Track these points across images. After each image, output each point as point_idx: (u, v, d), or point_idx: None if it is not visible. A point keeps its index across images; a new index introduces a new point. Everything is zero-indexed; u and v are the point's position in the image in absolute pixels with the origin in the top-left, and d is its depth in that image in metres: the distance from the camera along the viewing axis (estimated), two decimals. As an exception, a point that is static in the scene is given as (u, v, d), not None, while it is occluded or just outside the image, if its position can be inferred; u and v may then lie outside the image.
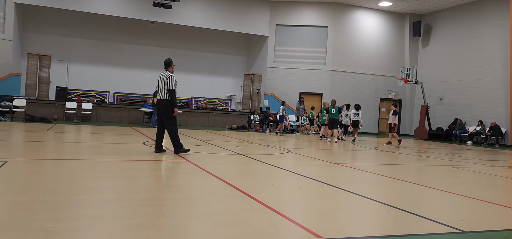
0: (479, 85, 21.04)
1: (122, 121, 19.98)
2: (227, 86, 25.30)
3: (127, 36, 23.10)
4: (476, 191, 6.04)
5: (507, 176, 8.49)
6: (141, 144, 10.04)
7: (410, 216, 4.17)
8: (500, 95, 19.98)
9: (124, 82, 22.79)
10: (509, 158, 13.28)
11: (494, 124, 19.52)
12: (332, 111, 15.28)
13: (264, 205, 4.20)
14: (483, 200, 5.26)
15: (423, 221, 4.01)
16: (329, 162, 8.83)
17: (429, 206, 4.85)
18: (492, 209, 4.80)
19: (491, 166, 10.17)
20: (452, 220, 4.07)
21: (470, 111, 21.41)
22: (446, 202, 5.10)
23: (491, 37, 20.52)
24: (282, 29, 23.74)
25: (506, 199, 5.89)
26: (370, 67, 24.16)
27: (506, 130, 19.55)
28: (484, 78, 20.75)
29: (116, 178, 5.43)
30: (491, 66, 20.43)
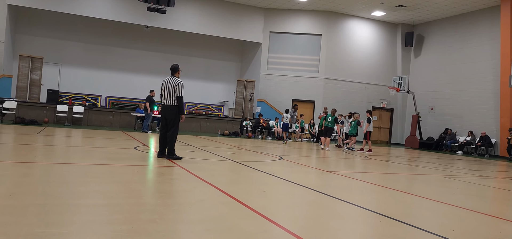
0: (469, 96, 21.26)
1: (114, 125, 19.85)
2: (220, 92, 25.29)
3: (120, 40, 23.02)
4: (467, 201, 6.08)
5: (497, 186, 8.57)
6: (132, 149, 9.98)
7: (401, 225, 4.18)
8: (490, 106, 20.19)
9: (117, 86, 22.68)
10: (498, 168, 13.41)
11: (484, 134, 19.71)
12: (328, 119, 15.34)
13: (256, 212, 4.19)
14: (473, 210, 5.30)
15: (414, 230, 4.02)
16: (321, 169, 8.84)
17: (420, 215, 4.88)
18: (482, 219, 4.84)
19: (481, 176, 10.26)
20: (443, 229, 4.09)
21: (461, 121, 21.61)
22: (437, 212, 5.13)
23: (482, 49, 20.77)
24: (275, 36, 23.82)
25: (496, 209, 5.94)
26: (363, 76, 24.31)
27: (495, 140, 19.75)
28: (475, 89, 20.97)
29: (107, 182, 5.39)
30: (482, 78, 20.66)
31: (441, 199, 5.97)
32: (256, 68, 23.99)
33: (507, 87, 17.79)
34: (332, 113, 15.52)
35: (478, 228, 4.41)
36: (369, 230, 4.05)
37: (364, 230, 4.05)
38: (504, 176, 11.08)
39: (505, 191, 7.87)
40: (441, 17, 22.83)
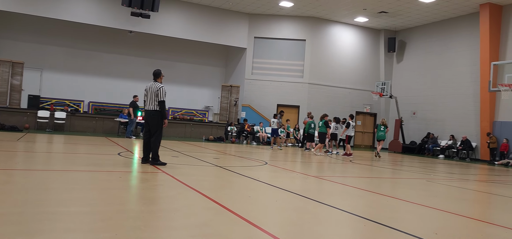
0: (450, 100, 21.64)
1: (97, 130, 19.60)
2: (204, 97, 25.21)
3: (103, 45, 22.77)
4: (449, 204, 6.17)
5: (478, 189, 8.72)
6: (116, 155, 9.86)
7: (385, 229, 4.22)
8: (470, 110, 20.58)
9: (100, 91, 22.40)
10: (479, 171, 13.66)
11: (465, 138, 20.07)
12: (319, 124, 15.52)
13: (241, 218, 4.18)
14: (455, 213, 5.38)
15: (398, 234, 4.06)
16: (306, 174, 8.87)
17: (404, 219, 4.93)
18: (464, 222, 4.91)
19: (462, 179, 10.43)
20: (426, 233, 4.14)
21: (442, 125, 21.96)
22: (420, 215, 5.19)
23: (462, 54, 21.19)
24: (260, 42, 23.88)
25: (477, 212, 6.04)
26: (346, 81, 24.54)
27: (476, 144, 20.12)
28: (456, 94, 21.36)
29: (89, 189, 5.30)
30: (462, 82, 21.06)
31: (424, 203, 6.05)
32: (241, 74, 24.00)
33: (487, 92, 18.16)
34: (322, 118, 15.65)
35: (460, 231, 4.48)
36: (354, 234, 4.08)
37: (349, 234, 4.07)
38: (485, 179, 11.29)
39: (486, 194, 8.02)
40: (422, 23, 23.22)
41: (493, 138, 18.89)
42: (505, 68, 16.18)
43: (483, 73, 19.09)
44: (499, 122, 19.26)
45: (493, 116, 19.49)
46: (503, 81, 15.37)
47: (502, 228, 4.66)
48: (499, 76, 16.39)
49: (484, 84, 18.84)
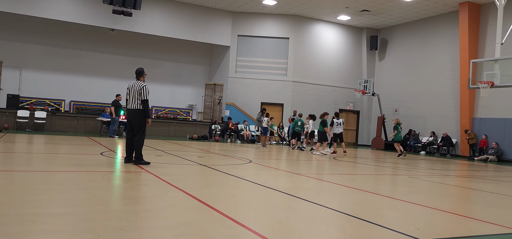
0: (431, 97, 22.00)
1: (79, 130, 19.31)
2: (188, 96, 25.08)
3: (85, 43, 22.42)
4: (431, 200, 6.28)
5: (459, 185, 8.90)
6: (98, 154, 9.74)
7: (369, 226, 4.27)
8: (450, 107, 20.97)
9: (81, 90, 22.06)
10: (459, 167, 13.93)
11: (445, 134, 20.44)
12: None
13: (226, 216, 4.18)
14: (437, 208, 5.48)
15: (381, 230, 4.12)
16: (290, 172, 8.92)
17: (387, 215, 5.00)
18: (446, 217, 5.01)
19: (443, 175, 10.62)
20: (409, 228, 4.21)
21: (424, 122, 22.32)
22: (402, 211, 5.27)
23: (442, 52, 21.56)
24: (244, 40, 23.86)
25: (458, 207, 6.17)
26: (330, 79, 24.72)
27: (456, 140, 20.52)
28: (436, 91, 21.73)
29: (72, 190, 5.23)
30: (442, 80, 21.43)
31: (406, 199, 6.15)
32: (225, 72, 23.95)
33: (466, 89, 18.52)
34: (321, 116, 15.63)
35: (442, 226, 4.56)
36: (338, 231, 4.12)
37: (333, 231, 4.11)
38: (465, 174, 11.53)
39: (466, 189, 8.19)
40: (403, 21, 23.54)
41: (472, 134, 19.31)
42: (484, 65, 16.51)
43: (463, 70, 19.47)
44: (478, 118, 19.68)
45: (473, 113, 19.90)
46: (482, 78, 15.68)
47: (482, 222, 4.77)
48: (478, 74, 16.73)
49: (463, 81, 19.21)
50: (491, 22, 18.92)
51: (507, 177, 11.20)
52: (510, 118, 18.32)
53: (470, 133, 19.32)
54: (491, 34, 18.84)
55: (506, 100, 18.37)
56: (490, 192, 7.71)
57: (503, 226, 4.61)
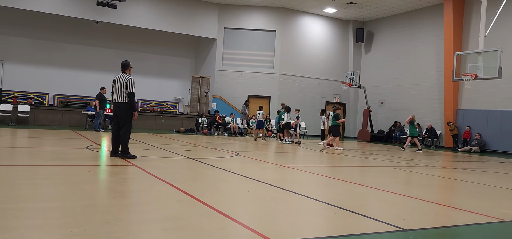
0: (416, 90, 22.25)
1: (63, 124, 19.06)
2: (174, 89, 24.92)
3: (69, 36, 22.06)
4: (415, 191, 6.37)
5: (442, 175, 9.05)
6: (84, 148, 9.64)
7: (355, 216, 4.32)
8: (435, 99, 21.25)
9: (65, 83, 21.75)
10: (443, 158, 14.15)
11: (430, 126, 20.72)
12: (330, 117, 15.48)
13: (213, 209, 4.18)
14: (421, 199, 5.56)
15: (367, 220, 4.17)
16: (277, 164, 8.95)
17: (373, 206, 5.06)
18: (430, 207, 5.09)
19: (427, 166, 10.78)
20: (394, 219, 4.27)
21: (408, 114, 22.46)
22: (388, 202, 5.34)
23: (427, 45, 21.79)
24: (230, 32, 23.77)
25: (442, 197, 6.27)
26: (316, 71, 24.80)
27: (440, 132, 20.82)
28: (421, 84, 21.98)
29: (57, 184, 5.17)
30: (427, 72, 21.69)
31: (392, 190, 6.23)
32: (211, 65, 23.84)
33: (451, 81, 18.77)
34: (334, 110, 15.56)
35: (426, 216, 4.64)
36: (325, 222, 4.16)
37: (320, 222, 4.15)
38: (449, 165, 11.72)
39: (450, 180, 8.33)
40: (389, 14, 23.70)
41: (452, 126, 19.65)
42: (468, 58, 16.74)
43: (447, 63, 19.72)
44: (462, 110, 19.98)
45: (457, 105, 20.21)
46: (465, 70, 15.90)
47: (465, 212, 4.86)
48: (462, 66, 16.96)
49: (448, 73, 19.46)
50: (475, 15, 19.17)
51: (489, 167, 11.42)
52: (493, 110, 18.65)
53: (452, 125, 19.65)
54: (475, 27, 19.10)
55: (489, 92, 18.69)
56: (473, 182, 7.86)
57: (486, 215, 4.70)
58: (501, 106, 18.36)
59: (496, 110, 18.50)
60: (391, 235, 3.70)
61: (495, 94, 18.51)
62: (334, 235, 3.62)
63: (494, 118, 18.61)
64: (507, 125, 18.06)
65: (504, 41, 17.50)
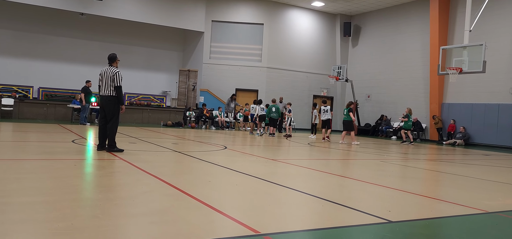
0: (402, 84, 22.48)
1: (48, 117, 18.80)
2: (162, 82, 24.74)
3: (53, 28, 21.71)
4: (401, 183, 6.45)
5: (428, 168, 9.17)
6: (70, 142, 9.53)
7: (342, 209, 4.36)
8: (421, 93, 21.50)
9: (50, 76, 21.43)
10: (429, 151, 14.34)
11: (415, 120, 20.96)
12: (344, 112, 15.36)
13: (201, 203, 4.18)
14: (407, 191, 5.64)
15: (354, 213, 4.21)
16: (265, 158, 8.97)
17: (360, 198, 5.11)
18: (416, 200, 5.16)
19: (413, 159, 10.92)
20: (380, 211, 4.32)
21: (395, 108, 22.80)
22: (374, 194, 5.40)
23: (414, 39, 22.00)
24: (218, 26, 23.65)
25: (427, 189, 6.37)
26: (304, 65, 24.85)
27: (426, 125, 21.09)
28: (407, 78, 22.20)
29: (42, 178, 5.10)
30: (413, 66, 21.90)
31: (378, 182, 6.29)
32: (199, 58, 23.72)
33: (436, 75, 19.00)
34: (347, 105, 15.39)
35: (412, 208, 4.70)
36: (313, 215, 4.19)
37: (308, 215, 4.18)
38: (434, 158, 11.89)
39: (435, 172, 8.45)
40: (376, 8, 23.83)
41: (437, 119, 19.92)
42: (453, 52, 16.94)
43: (433, 57, 19.94)
44: (447, 103, 20.26)
45: (442, 99, 20.47)
46: (451, 64, 16.10)
47: (450, 203, 4.94)
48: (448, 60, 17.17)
49: (433, 67, 19.70)
50: (460, 9, 19.40)
51: (473, 160, 11.62)
52: (477, 104, 18.95)
53: (436, 118, 19.93)
54: (460, 21, 19.33)
55: (473, 86, 18.97)
56: (458, 174, 7.98)
57: (470, 207, 4.79)
58: (485, 100, 18.66)
59: (480, 104, 18.80)
60: (377, 227, 3.75)
61: (479, 88, 18.80)
62: (321, 228, 3.65)
63: (478, 111, 18.91)
64: (490, 118, 18.38)
65: (488, 35, 17.76)
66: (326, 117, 16.18)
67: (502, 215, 4.52)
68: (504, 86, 17.92)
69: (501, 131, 17.97)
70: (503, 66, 17.84)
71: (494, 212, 4.62)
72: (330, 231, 3.53)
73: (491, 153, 14.84)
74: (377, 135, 22.74)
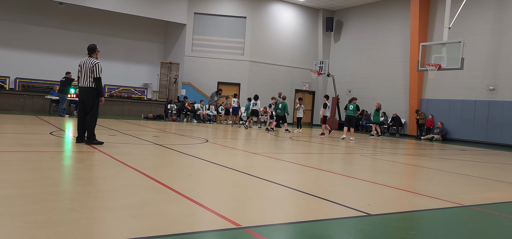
0: (383, 79, 22.77)
1: (26, 109, 18.38)
2: (143, 74, 24.45)
3: (31, 17, 21.17)
4: (380, 177, 6.55)
5: (406, 162, 9.34)
6: (48, 134, 9.35)
7: (322, 202, 4.41)
8: (400, 88, 21.82)
9: (28, 67, 20.92)
10: (407, 146, 14.60)
11: (395, 115, 21.29)
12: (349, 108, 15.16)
13: (182, 196, 4.17)
14: (386, 185, 5.74)
15: (334, 206, 4.27)
16: (247, 151, 8.98)
17: (340, 192, 5.17)
18: (394, 193, 5.26)
19: (392, 153, 11.10)
20: (360, 204, 4.39)
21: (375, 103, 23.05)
22: (354, 188, 5.48)
23: (395, 35, 22.28)
24: (200, 18, 23.48)
25: (406, 183, 6.49)
26: (286, 59, 24.91)
27: (405, 120, 21.44)
28: (388, 73, 22.50)
29: (19, 171, 5.00)
30: (394, 62, 22.20)
31: (358, 176, 6.38)
32: (181, 50, 23.52)
33: (416, 71, 19.31)
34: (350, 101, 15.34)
35: (391, 201, 4.79)
36: (293, 208, 4.22)
37: (289, 208, 4.21)
38: (413, 153, 12.11)
39: (413, 167, 8.61)
40: (358, 4, 24.02)
41: (422, 115, 20.26)
42: (432, 48, 17.25)
43: (413, 53, 20.24)
44: (425, 99, 20.62)
45: (421, 94, 20.83)
46: (430, 61, 16.39)
47: (427, 197, 5.05)
48: (427, 56, 17.47)
49: (413, 64, 20.00)
50: (440, 7, 19.72)
51: (450, 155, 11.88)
52: (454, 100, 19.35)
53: (420, 113, 20.27)
54: (440, 18, 19.66)
55: (451, 82, 19.36)
56: (435, 169, 8.16)
57: (446, 201, 4.91)
58: (462, 96, 19.07)
59: (458, 100, 19.20)
60: (357, 220, 3.81)
61: (457, 84, 19.20)
62: (302, 221, 3.69)
63: (455, 107, 19.31)
64: (467, 114, 18.80)
65: (466, 33, 18.13)
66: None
67: (476, 209, 4.65)
68: (481, 83, 18.34)
69: (477, 126, 18.41)
70: (480, 64, 18.25)
71: (469, 206, 4.74)
72: (311, 224, 3.57)
73: (467, 148, 15.19)
74: (358, 130, 22.99)
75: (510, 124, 17.24)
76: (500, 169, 8.94)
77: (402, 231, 3.67)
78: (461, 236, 3.59)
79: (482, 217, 4.37)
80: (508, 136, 17.28)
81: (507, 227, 4.04)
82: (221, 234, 3.14)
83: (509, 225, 4.10)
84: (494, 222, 4.24)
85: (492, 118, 17.89)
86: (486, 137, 18.08)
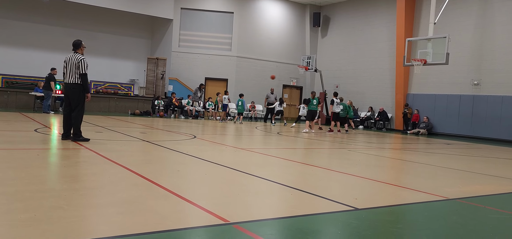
0: (370, 74, 22.93)
1: (9, 106, 18.08)
2: (129, 70, 24.22)
3: (15, 12, 20.79)
4: (367, 171, 6.61)
5: (393, 157, 9.44)
6: (32, 131, 9.21)
7: (310, 197, 4.43)
8: (387, 83, 22.01)
9: (12, 63, 20.55)
10: (394, 140, 14.75)
11: (382, 110, 21.48)
12: (313, 102, 15.88)
13: (170, 192, 4.15)
14: (373, 179, 5.79)
15: (322, 200, 4.29)
16: (235, 147, 8.98)
17: (327, 186, 5.21)
18: (381, 187, 5.31)
19: (379, 148, 11.20)
20: (347, 198, 4.42)
21: (362, 98, 23.26)
22: (341, 183, 5.52)
23: (381, 31, 22.44)
24: (187, 13, 23.32)
25: (392, 177, 6.55)
26: (274, 54, 24.92)
27: (391, 115, 21.65)
28: (374, 68, 22.67)
29: (3, 168, 4.92)
30: (380, 57, 22.37)
31: (345, 171, 6.43)
32: (168, 46, 23.36)
33: (402, 66, 19.48)
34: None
35: (378, 195, 4.84)
36: (281, 203, 4.24)
37: (277, 203, 4.22)
38: (399, 147, 12.24)
39: (399, 161, 8.71)
40: (345, -1, 24.13)
41: (410, 109, 20.49)
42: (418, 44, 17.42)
43: (399, 48, 20.42)
44: (411, 94, 20.84)
45: (407, 89, 21.04)
46: (416, 56, 16.56)
47: (413, 191, 5.12)
48: (413, 52, 17.63)
49: (399, 59, 20.17)
50: (426, 2, 19.91)
51: (436, 149, 12.04)
52: (439, 94, 19.59)
53: (409, 108, 20.49)
54: (425, 14, 19.86)
55: (437, 77, 19.59)
56: (420, 163, 8.26)
57: (432, 194, 4.98)
58: (447, 91, 19.32)
59: (443, 95, 19.45)
60: (344, 214, 3.84)
61: (442, 79, 19.44)
62: (289, 216, 3.70)
63: (440, 102, 19.56)
64: (452, 108, 19.06)
65: (452, 28, 18.34)
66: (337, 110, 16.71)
67: (461, 201, 4.72)
68: (465, 78, 18.59)
69: (462, 120, 18.68)
70: (465, 59, 18.49)
71: (454, 199, 4.82)
72: (299, 219, 3.59)
73: (452, 142, 15.41)
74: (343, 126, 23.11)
75: (493, 117, 17.53)
76: (484, 162, 9.09)
77: (389, 225, 3.71)
78: (446, 228, 3.65)
79: (467, 210, 4.44)
80: (492, 129, 17.58)
81: (491, 219, 4.11)
82: (209, 230, 3.14)
83: (493, 217, 4.17)
84: (478, 214, 4.31)
85: (476, 112, 18.16)
86: (471, 131, 18.36)
